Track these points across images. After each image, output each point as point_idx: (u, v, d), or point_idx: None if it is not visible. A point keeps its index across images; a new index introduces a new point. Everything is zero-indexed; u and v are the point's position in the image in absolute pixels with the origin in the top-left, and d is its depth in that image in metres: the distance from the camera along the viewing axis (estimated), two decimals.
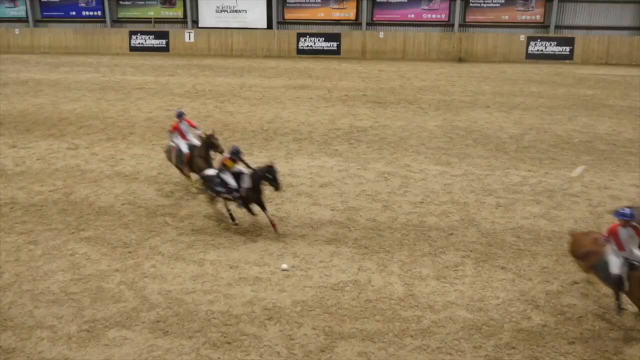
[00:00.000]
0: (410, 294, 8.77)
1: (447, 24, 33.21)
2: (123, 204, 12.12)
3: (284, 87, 24.45)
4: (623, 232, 7.71)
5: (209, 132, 12.49)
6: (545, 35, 32.32)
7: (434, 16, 33.38)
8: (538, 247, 10.22)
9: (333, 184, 13.18)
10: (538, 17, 32.52)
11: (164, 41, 35.28)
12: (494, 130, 17.79)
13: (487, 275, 9.30)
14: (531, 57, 32.12)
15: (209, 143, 12.28)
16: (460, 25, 32.92)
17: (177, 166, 13.02)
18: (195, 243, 10.36)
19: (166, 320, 8.06)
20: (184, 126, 12.84)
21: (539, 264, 9.66)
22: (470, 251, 10.11)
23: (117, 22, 36.31)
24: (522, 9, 32.56)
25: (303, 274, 9.30)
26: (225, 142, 13.58)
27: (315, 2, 34.06)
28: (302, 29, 34.20)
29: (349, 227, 11.00)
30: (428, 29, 33.37)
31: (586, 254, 8.35)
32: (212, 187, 10.87)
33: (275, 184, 10.43)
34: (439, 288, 8.91)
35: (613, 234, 7.79)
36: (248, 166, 11.03)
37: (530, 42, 32.21)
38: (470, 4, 32.66)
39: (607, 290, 8.38)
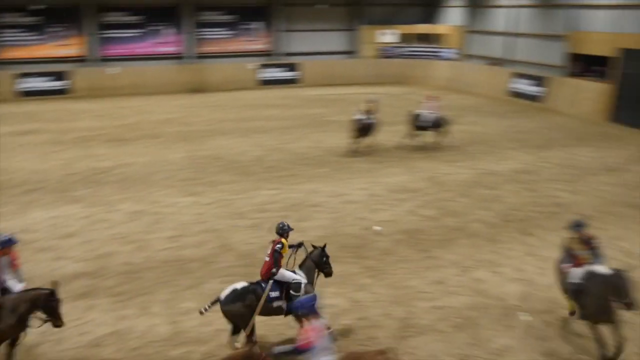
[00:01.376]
0: (177, 331, 8.58)
1: (181, 56, 33.53)
2: None
3: (7, 134, 21.85)
4: None
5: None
6: (273, 62, 34.75)
7: (166, 49, 33.39)
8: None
9: (78, 233, 12.20)
10: (264, 46, 34.87)
11: None
12: (238, 155, 18.45)
13: None
14: (263, 83, 34.21)
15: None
16: (193, 57, 33.52)
17: None
18: None
19: None
20: None
21: None
22: (232, 275, 10.27)
23: None
24: (250, 39, 34.61)
25: (55, 337, 8.36)
26: None
27: (36, 39, 31.29)
28: (23, 68, 31.06)
29: (102, 276, 10.30)
30: (163, 62, 33.22)
31: None
32: None
33: None
34: (204, 319, 8.86)
35: None
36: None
37: (261, 70, 34.31)
38: (201, 36, 33.53)
39: None
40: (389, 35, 36.57)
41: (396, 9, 36.85)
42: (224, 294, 7.81)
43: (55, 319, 7.43)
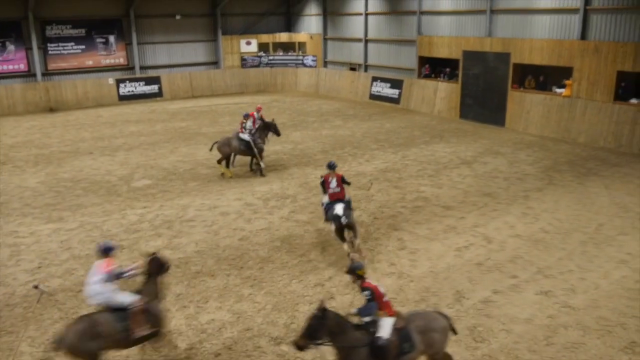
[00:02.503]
0: None
1: (29, 74, 31.07)
2: None
3: None
4: None
5: None
6: (132, 76, 33.39)
7: (11, 67, 30.77)
8: (167, 278, 10.49)
9: None
10: (122, 60, 33.33)
11: None
12: (102, 175, 17.51)
13: None
14: (124, 98, 32.75)
15: None
16: (43, 74, 31.19)
17: None
18: None
19: None
20: None
21: (173, 292, 9.97)
22: None
23: None
24: (105, 53, 32.87)
25: None
26: None
27: None
28: None
29: None
30: (8, 80, 30.60)
31: None
32: None
33: None
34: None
35: None
36: None
37: (120, 84, 32.82)
38: (49, 52, 31.30)
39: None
40: (250, 45, 36.73)
41: (256, 19, 37.13)
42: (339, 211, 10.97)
43: None
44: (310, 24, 36.75)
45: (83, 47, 32.14)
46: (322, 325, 6.45)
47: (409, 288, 10.08)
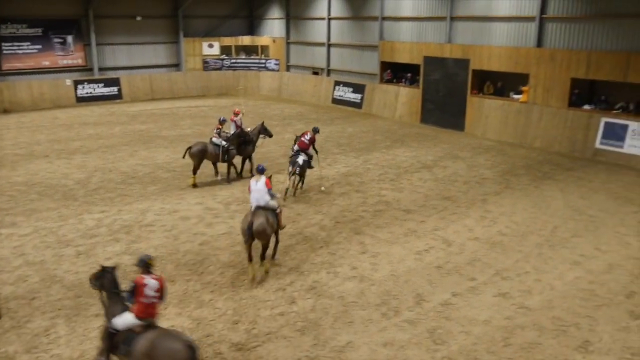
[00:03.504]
0: None
1: None
2: None
3: None
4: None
5: None
6: (91, 77, 32.67)
7: None
8: (125, 284, 10.29)
9: None
10: (80, 61, 32.56)
11: None
12: (58, 179, 17.06)
13: (82, 329, 8.90)
14: (81, 100, 31.97)
15: None
16: None
17: None
18: None
19: None
20: None
21: None
22: (59, 309, 9.50)
23: None
24: (62, 53, 32.05)
25: None
26: None
27: None
28: None
29: None
30: None
31: None
32: None
33: None
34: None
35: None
36: None
37: (78, 86, 32.05)
38: (4, 52, 30.33)
39: None
40: (213, 47, 36.43)
41: (219, 21, 36.85)
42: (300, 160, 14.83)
43: None
44: (273, 27, 36.68)
45: (39, 47, 31.28)
46: (106, 278, 7.49)
47: (370, 292, 10.13)
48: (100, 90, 32.71)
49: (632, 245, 12.24)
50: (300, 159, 14.98)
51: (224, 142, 16.40)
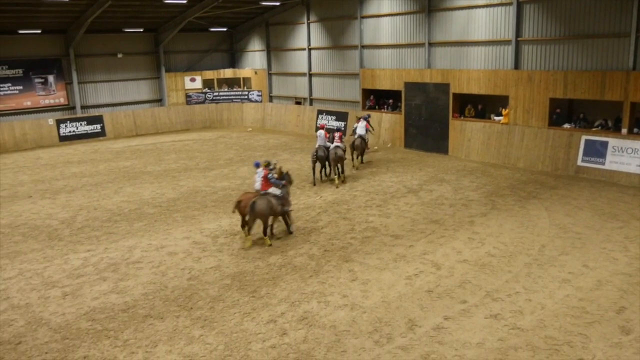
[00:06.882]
0: None
1: None
2: None
3: None
4: None
5: None
6: (73, 116, 32.62)
7: None
8: (114, 324, 10.15)
9: None
10: (62, 100, 32.56)
11: None
12: (42, 220, 16.88)
13: None
14: (65, 139, 31.91)
15: None
16: None
17: None
18: None
19: None
20: None
21: (120, 338, 9.61)
22: (46, 353, 9.29)
23: None
24: (44, 93, 32.05)
25: None
26: None
27: None
28: None
29: None
30: None
31: None
32: None
33: None
34: None
35: None
36: None
37: (61, 125, 31.99)
38: None
39: None
40: (195, 81, 36.64)
41: (200, 56, 37.15)
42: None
43: None
44: (255, 59, 37.03)
45: (20, 87, 31.27)
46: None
47: (362, 319, 10.06)
48: (83, 128, 32.67)
49: (619, 261, 12.33)
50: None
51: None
